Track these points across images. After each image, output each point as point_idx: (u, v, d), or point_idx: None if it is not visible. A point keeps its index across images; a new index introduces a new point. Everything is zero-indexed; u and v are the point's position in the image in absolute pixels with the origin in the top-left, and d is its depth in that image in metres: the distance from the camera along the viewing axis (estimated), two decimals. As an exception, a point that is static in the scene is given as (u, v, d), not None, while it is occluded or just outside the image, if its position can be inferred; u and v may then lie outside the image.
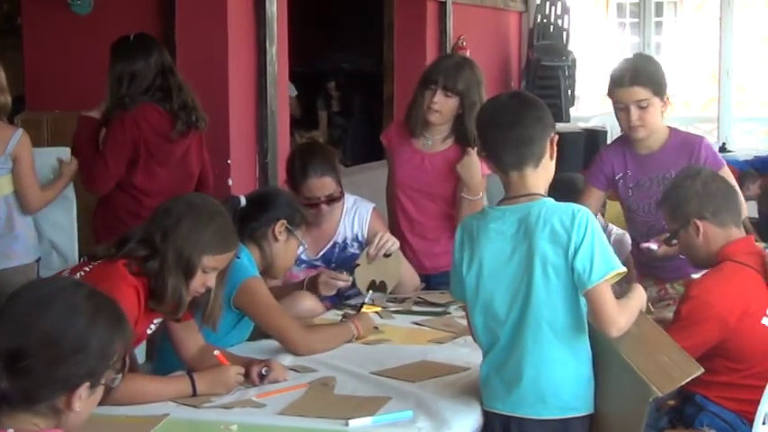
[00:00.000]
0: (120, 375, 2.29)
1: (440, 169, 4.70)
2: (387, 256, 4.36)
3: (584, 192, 4.59)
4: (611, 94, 4.42)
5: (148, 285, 3.28)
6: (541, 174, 3.11)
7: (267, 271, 3.94)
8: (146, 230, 3.33)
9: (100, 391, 2.24)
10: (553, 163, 3.15)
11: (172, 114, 5.00)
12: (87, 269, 3.37)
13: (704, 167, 4.05)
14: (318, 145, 4.69)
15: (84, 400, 2.20)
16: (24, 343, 2.13)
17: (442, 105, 4.58)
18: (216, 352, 3.38)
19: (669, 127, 4.52)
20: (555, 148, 3.13)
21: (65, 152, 5.05)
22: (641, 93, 4.33)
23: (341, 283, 4.25)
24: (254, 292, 3.71)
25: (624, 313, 3.01)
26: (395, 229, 4.80)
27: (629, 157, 4.49)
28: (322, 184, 4.34)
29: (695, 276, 4.33)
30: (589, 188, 4.59)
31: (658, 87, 4.36)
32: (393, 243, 4.39)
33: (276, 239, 3.90)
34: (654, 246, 4.25)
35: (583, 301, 3.01)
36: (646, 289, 3.62)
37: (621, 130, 4.53)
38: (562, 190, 3.35)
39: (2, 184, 4.71)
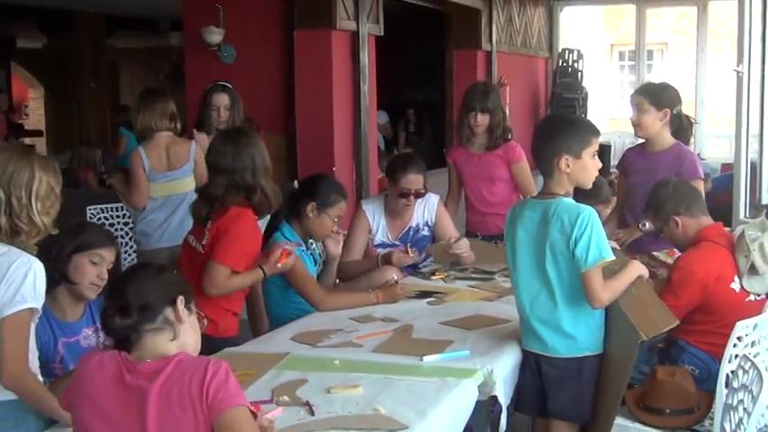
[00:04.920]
0: (204, 316, 2.26)
1: (487, 158, 4.90)
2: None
3: (619, 180, 4.67)
4: None
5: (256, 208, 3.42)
6: (558, 181, 3.01)
7: (311, 237, 3.82)
8: (231, 183, 3.39)
9: (195, 317, 2.17)
10: (573, 174, 2.99)
11: None
12: (209, 227, 3.43)
13: (672, 179, 3.95)
14: (415, 155, 4.72)
15: (188, 317, 2.13)
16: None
17: (482, 121, 4.85)
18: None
19: (678, 141, 4.41)
20: (567, 165, 2.97)
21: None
22: (638, 99, 4.36)
23: (409, 261, 4.17)
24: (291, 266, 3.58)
25: (607, 291, 2.94)
26: (473, 215, 4.95)
27: (642, 153, 4.49)
28: (417, 180, 4.29)
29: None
30: (621, 177, 4.66)
31: (654, 99, 4.32)
32: (468, 256, 4.29)
33: (308, 216, 3.76)
34: (648, 224, 4.15)
35: None
36: (638, 258, 3.56)
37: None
38: (589, 191, 3.26)
39: (190, 183, 4.83)
